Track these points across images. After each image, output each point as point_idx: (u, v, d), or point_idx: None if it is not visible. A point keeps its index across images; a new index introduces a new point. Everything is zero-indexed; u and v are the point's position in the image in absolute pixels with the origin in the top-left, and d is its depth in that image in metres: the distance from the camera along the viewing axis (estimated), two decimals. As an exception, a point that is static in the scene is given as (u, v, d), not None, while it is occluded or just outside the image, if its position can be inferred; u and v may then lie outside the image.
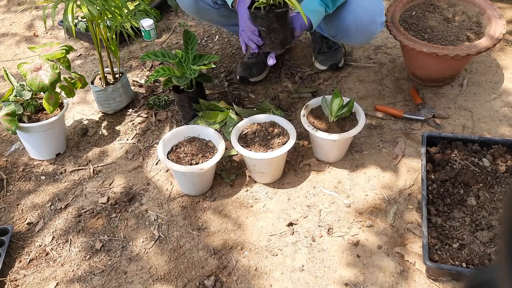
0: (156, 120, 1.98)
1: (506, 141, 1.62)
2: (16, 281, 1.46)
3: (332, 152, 1.70)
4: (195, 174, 1.57)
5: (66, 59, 1.77)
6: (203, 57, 1.81)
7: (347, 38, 1.79)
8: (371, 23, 1.69)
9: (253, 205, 1.62)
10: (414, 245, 1.45)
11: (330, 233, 1.51)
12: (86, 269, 1.48)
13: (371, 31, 1.72)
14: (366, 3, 1.67)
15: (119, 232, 1.58)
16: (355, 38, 1.77)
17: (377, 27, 1.71)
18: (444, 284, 1.35)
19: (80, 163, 1.83)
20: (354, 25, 1.68)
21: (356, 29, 1.70)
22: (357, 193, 1.62)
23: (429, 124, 1.84)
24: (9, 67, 2.34)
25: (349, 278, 1.39)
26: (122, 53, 2.38)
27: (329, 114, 1.65)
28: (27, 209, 1.68)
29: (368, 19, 1.68)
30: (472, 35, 1.93)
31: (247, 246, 1.50)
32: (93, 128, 1.98)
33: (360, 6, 1.66)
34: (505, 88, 1.97)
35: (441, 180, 1.55)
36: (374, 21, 1.69)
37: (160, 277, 1.44)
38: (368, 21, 1.68)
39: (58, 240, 1.57)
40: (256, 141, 1.64)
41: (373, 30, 1.72)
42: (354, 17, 1.67)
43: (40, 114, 1.80)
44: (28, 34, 2.60)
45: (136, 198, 1.68)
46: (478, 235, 1.39)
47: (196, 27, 2.53)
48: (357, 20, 1.67)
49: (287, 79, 2.11)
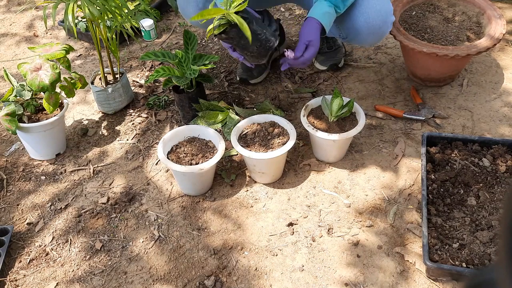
0: (156, 120, 1.98)
1: (506, 141, 1.62)
2: (16, 281, 1.46)
3: (332, 152, 1.70)
4: (195, 174, 1.57)
5: (66, 59, 1.77)
6: (203, 57, 1.81)
7: (358, 39, 1.78)
8: (383, 24, 1.68)
9: (253, 205, 1.62)
10: (414, 245, 1.45)
11: (330, 233, 1.51)
12: (86, 269, 1.48)
13: (383, 31, 1.71)
14: (377, 4, 1.67)
15: (119, 232, 1.58)
16: (366, 39, 1.76)
17: (388, 27, 1.71)
18: (444, 284, 1.35)
19: (80, 163, 1.84)
20: (366, 26, 1.68)
21: (368, 30, 1.69)
22: (357, 193, 1.62)
23: (429, 124, 1.84)
24: (9, 67, 2.34)
25: (349, 278, 1.39)
26: (122, 53, 2.38)
27: (329, 114, 1.65)
28: (27, 209, 1.68)
29: (380, 20, 1.67)
30: (472, 35, 1.93)
31: (247, 246, 1.50)
32: (93, 128, 1.98)
33: (372, 7, 1.66)
34: (505, 88, 1.97)
35: (441, 180, 1.55)
36: (386, 21, 1.69)
37: (160, 277, 1.44)
38: (380, 22, 1.68)
39: (58, 240, 1.57)
40: (256, 141, 1.64)
41: (385, 31, 1.72)
42: (366, 18, 1.66)
43: (40, 114, 1.80)
44: (28, 34, 2.60)
45: (136, 198, 1.68)
46: (478, 235, 1.39)
47: (196, 27, 2.53)
48: (369, 21, 1.67)
49: (287, 79, 2.11)
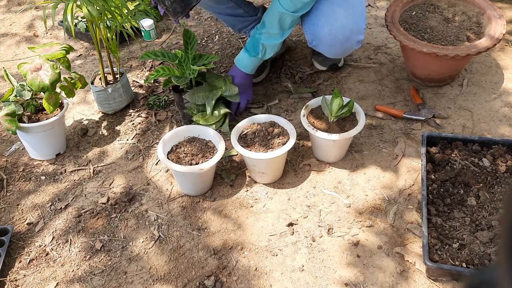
0: (156, 120, 1.98)
1: (506, 141, 1.62)
2: (16, 281, 1.46)
3: (332, 152, 1.70)
4: (195, 174, 1.57)
5: (66, 59, 1.77)
6: (203, 57, 1.81)
7: (321, 48, 1.78)
8: (346, 40, 1.68)
9: (253, 205, 1.62)
10: (414, 245, 1.45)
11: (330, 233, 1.51)
12: (86, 269, 1.48)
13: (345, 47, 1.72)
14: (345, 19, 1.65)
15: (119, 232, 1.58)
16: (329, 50, 1.76)
17: (352, 45, 1.71)
18: (444, 284, 1.35)
19: (80, 163, 1.83)
20: (329, 37, 1.68)
21: (330, 42, 1.69)
22: (357, 193, 1.62)
23: (429, 124, 1.84)
24: (9, 67, 2.34)
25: (349, 278, 1.39)
26: (122, 53, 2.38)
27: (329, 114, 1.65)
28: (27, 209, 1.68)
29: (344, 37, 1.67)
30: (472, 35, 1.93)
31: (247, 246, 1.50)
32: (93, 128, 1.98)
33: (339, 20, 1.65)
34: (505, 88, 1.97)
35: (441, 180, 1.55)
36: (349, 39, 1.68)
37: (160, 277, 1.44)
38: (344, 38, 1.67)
39: (58, 240, 1.57)
40: (256, 141, 1.64)
41: (348, 47, 1.72)
42: (330, 29, 1.66)
43: (40, 114, 1.80)
44: (28, 34, 2.60)
45: (136, 198, 1.68)
46: (478, 235, 1.39)
47: (196, 27, 2.53)
48: (332, 33, 1.66)
49: (287, 79, 2.11)
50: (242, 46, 2.33)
